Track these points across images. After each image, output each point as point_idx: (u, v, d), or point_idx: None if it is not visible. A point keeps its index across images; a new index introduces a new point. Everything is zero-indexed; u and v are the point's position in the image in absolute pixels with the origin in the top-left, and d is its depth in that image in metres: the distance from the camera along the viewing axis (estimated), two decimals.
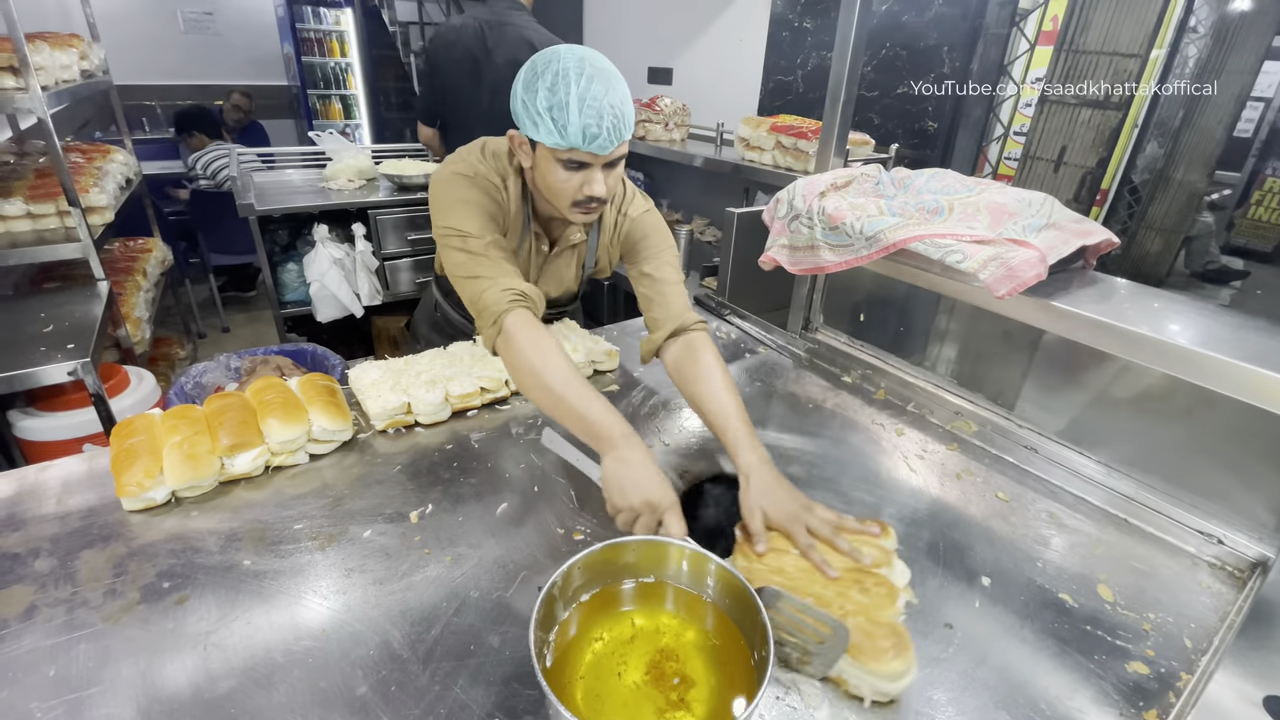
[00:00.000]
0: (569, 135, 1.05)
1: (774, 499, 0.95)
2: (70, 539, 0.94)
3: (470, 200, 1.19)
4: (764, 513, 0.94)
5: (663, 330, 1.22)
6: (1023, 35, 2.52)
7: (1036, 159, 2.47)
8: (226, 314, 4.46)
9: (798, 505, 0.94)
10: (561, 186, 1.13)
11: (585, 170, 1.11)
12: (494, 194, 1.22)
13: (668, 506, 0.91)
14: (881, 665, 0.73)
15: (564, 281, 1.47)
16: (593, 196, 1.13)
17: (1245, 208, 2.68)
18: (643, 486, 0.91)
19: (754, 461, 0.99)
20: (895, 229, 1.15)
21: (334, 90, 6.32)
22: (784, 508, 0.93)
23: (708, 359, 1.14)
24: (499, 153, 1.26)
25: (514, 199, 1.25)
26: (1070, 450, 1.20)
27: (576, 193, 1.13)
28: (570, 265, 1.45)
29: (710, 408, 1.09)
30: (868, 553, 0.88)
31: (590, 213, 1.18)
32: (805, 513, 0.93)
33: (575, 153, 1.08)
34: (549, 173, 1.13)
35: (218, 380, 2.35)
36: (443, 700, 0.73)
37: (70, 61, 2.60)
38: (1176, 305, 1.10)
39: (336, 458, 1.16)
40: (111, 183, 2.71)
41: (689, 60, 3.71)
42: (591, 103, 1.04)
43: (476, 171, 1.21)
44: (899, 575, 0.88)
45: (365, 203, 2.91)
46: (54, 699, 0.71)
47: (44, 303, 2.25)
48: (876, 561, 0.87)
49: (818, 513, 0.93)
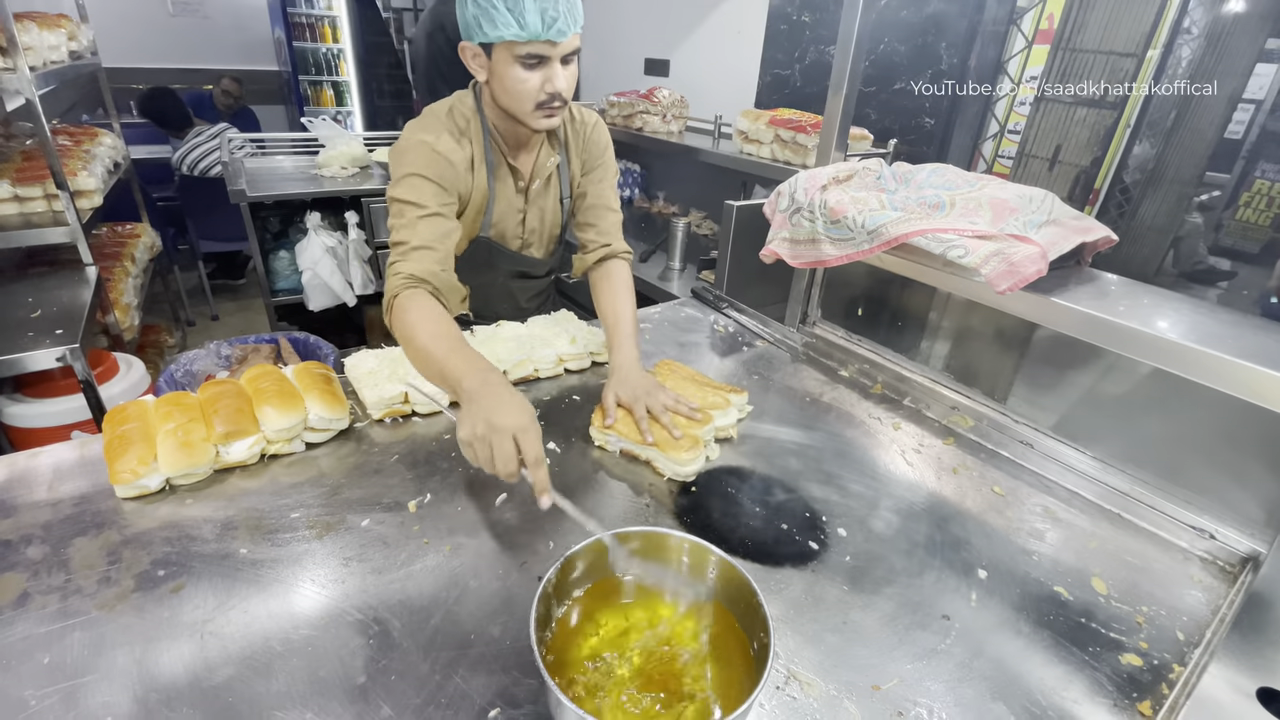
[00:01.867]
0: (527, 23, 1.07)
1: (628, 385, 1.19)
2: (63, 526, 0.93)
3: (419, 166, 1.22)
4: (616, 395, 1.18)
5: (595, 254, 1.43)
6: (1020, 33, 2.53)
7: (1031, 157, 2.48)
8: (216, 302, 4.42)
9: (643, 390, 1.18)
10: (522, 88, 1.15)
11: (544, 66, 1.14)
12: (449, 158, 1.25)
13: (522, 428, 0.86)
14: (678, 453, 1.08)
15: (550, 216, 1.49)
16: (555, 94, 1.16)
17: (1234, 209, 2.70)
18: (492, 413, 0.87)
19: (622, 358, 1.24)
20: (897, 223, 1.15)
21: (326, 76, 6.23)
22: (633, 392, 1.17)
23: (618, 281, 1.38)
24: (454, 107, 1.31)
25: (476, 148, 1.29)
26: (1065, 445, 1.21)
27: (538, 92, 1.16)
28: (552, 197, 1.47)
29: (607, 318, 1.34)
30: (685, 412, 1.18)
31: (553, 114, 1.21)
32: (647, 396, 1.16)
33: (534, 45, 1.10)
34: (506, 75, 1.15)
35: (208, 368, 2.33)
36: (443, 689, 0.73)
37: (58, 42, 2.56)
38: (1173, 302, 1.11)
39: (333, 447, 1.15)
40: (100, 166, 2.67)
41: (686, 52, 3.69)
42: None
43: (438, 135, 1.25)
44: (726, 416, 1.21)
45: (358, 190, 2.89)
46: (49, 686, 0.70)
47: (31, 288, 2.22)
48: (713, 404, 1.21)
49: (659, 396, 1.17)
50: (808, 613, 0.87)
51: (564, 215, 1.52)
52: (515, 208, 1.40)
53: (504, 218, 1.40)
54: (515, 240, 1.46)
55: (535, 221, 1.46)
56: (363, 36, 6.19)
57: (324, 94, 6.30)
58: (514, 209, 1.40)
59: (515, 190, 1.39)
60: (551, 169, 1.41)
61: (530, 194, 1.41)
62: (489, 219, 1.38)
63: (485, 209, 1.37)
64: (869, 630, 0.85)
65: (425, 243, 1.18)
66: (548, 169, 1.40)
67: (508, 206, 1.39)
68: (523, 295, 1.59)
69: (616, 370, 1.24)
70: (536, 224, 1.46)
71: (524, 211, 1.42)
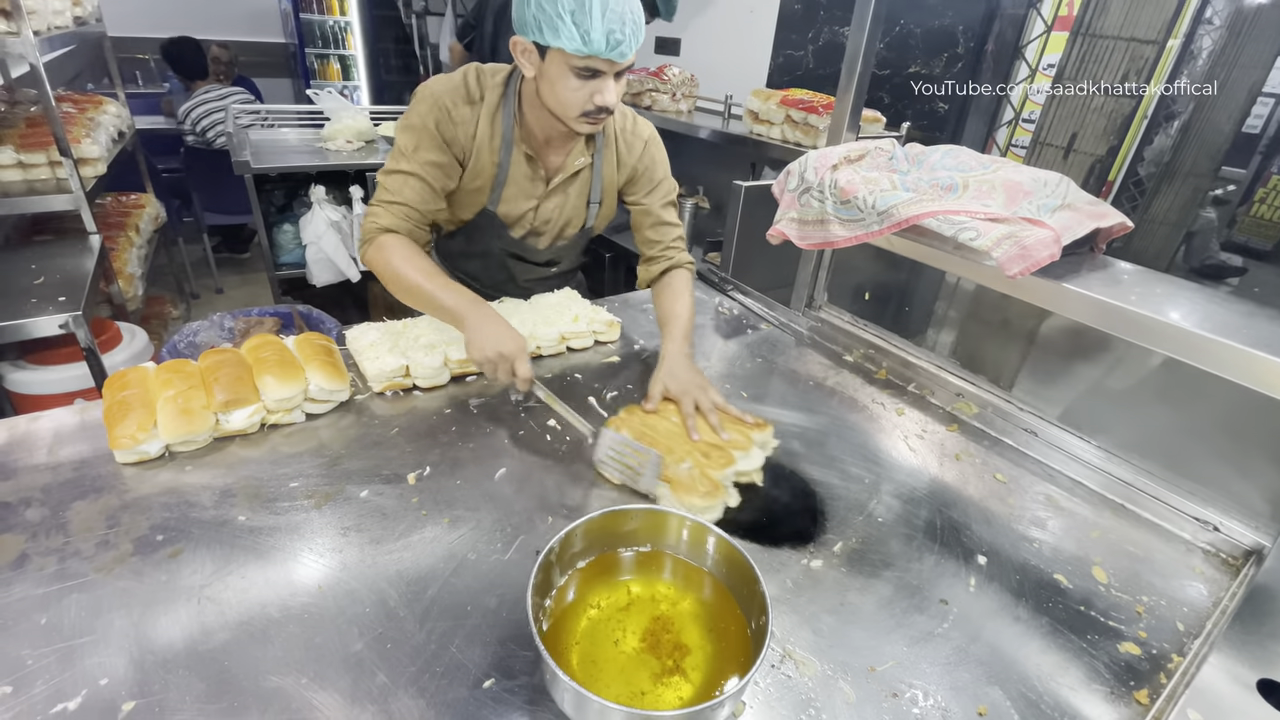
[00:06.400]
0: (592, 41, 1.05)
1: (676, 377, 1.16)
2: (62, 489, 0.93)
3: (421, 119, 1.24)
4: (664, 385, 1.15)
5: (659, 265, 1.45)
6: (1039, 16, 2.48)
7: (1046, 145, 2.44)
8: (220, 275, 4.41)
9: (693, 385, 1.14)
10: (571, 96, 1.14)
11: (598, 79, 1.12)
12: (452, 116, 1.25)
13: (516, 353, 1.07)
14: (693, 499, 0.95)
15: (569, 213, 1.46)
16: (604, 106, 1.15)
17: (1249, 205, 2.66)
18: (493, 340, 1.07)
19: (673, 349, 1.23)
20: (908, 204, 1.14)
21: (332, 50, 6.17)
22: (681, 385, 1.14)
23: (679, 286, 1.39)
24: (483, 71, 1.29)
25: (486, 114, 1.28)
26: (1069, 434, 1.20)
27: (586, 103, 1.14)
28: (576, 195, 1.44)
29: (665, 315, 1.34)
30: (731, 434, 1.08)
31: (597, 123, 1.20)
32: (697, 391, 1.13)
33: (593, 60, 1.08)
34: (558, 80, 1.13)
35: (212, 340, 2.33)
36: (439, 658, 0.73)
37: (63, 7, 2.52)
38: (1187, 292, 1.09)
39: (333, 418, 1.15)
40: (104, 134, 2.65)
41: (697, 31, 3.63)
42: (615, 6, 1.04)
43: (449, 90, 1.25)
44: (751, 460, 1.05)
45: (364, 164, 2.87)
46: (45, 647, 0.71)
47: (35, 255, 2.21)
48: (734, 442, 1.06)
49: (709, 394, 1.13)
50: (805, 593, 0.87)
51: (590, 217, 1.48)
52: (530, 194, 1.38)
53: (515, 200, 1.38)
54: (522, 225, 1.44)
55: (551, 213, 1.43)
56: (370, 9, 6.11)
57: (330, 67, 6.24)
58: (528, 195, 1.38)
59: (533, 177, 1.36)
60: (580, 167, 1.38)
61: (551, 186, 1.39)
62: (497, 195, 1.36)
63: (495, 184, 1.35)
64: (866, 612, 0.85)
65: (410, 202, 1.25)
66: (574, 166, 1.37)
67: (519, 191, 1.37)
68: (521, 275, 1.58)
69: (666, 359, 1.21)
70: (551, 216, 1.44)
71: (539, 201, 1.40)
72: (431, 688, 0.70)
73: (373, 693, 0.69)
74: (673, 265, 1.44)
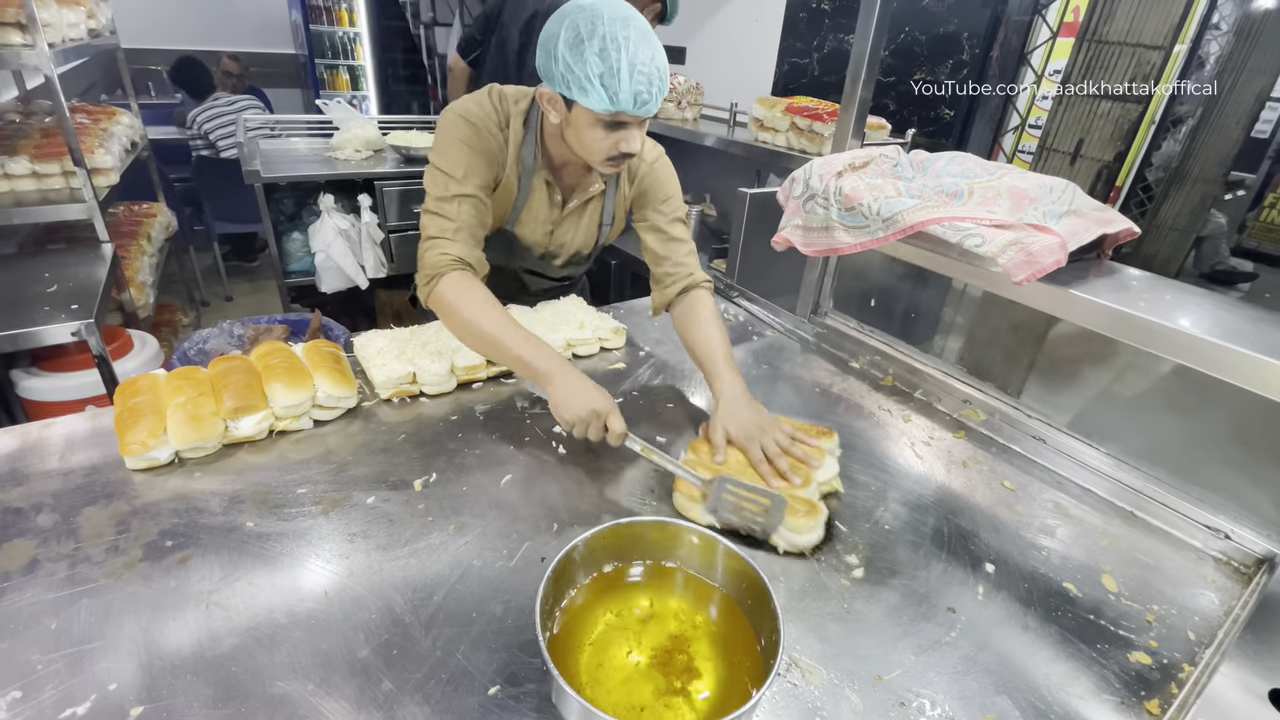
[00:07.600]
0: (620, 100, 1.06)
1: (738, 420, 1.10)
2: (73, 495, 0.94)
3: (464, 141, 1.22)
4: (726, 431, 1.09)
5: (675, 286, 1.35)
6: (1044, 23, 2.48)
7: (1053, 151, 2.43)
8: (230, 283, 4.45)
9: (756, 427, 1.09)
10: (597, 145, 1.15)
11: (623, 130, 1.13)
12: (490, 140, 1.24)
13: (609, 410, 1.04)
14: (796, 521, 0.92)
15: (582, 237, 1.47)
16: (628, 153, 1.16)
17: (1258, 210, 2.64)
18: (585, 399, 1.04)
19: (726, 387, 1.15)
20: (913, 211, 1.13)
21: (342, 60, 6.23)
22: (745, 429, 1.09)
23: (705, 310, 1.30)
24: (505, 95, 1.28)
25: (514, 144, 1.28)
26: (1078, 441, 1.19)
27: (611, 150, 1.15)
28: (589, 218, 1.45)
29: (701, 347, 1.24)
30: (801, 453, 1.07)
31: (618, 166, 1.21)
32: (761, 434, 1.08)
33: (620, 115, 1.09)
34: (584, 131, 1.14)
35: (221, 347, 2.35)
36: (444, 665, 0.73)
37: (78, 20, 2.56)
38: (1196, 298, 1.08)
39: (341, 424, 1.15)
40: (117, 144, 2.69)
41: (703, 39, 3.65)
42: (642, 68, 1.05)
43: (482, 114, 1.24)
44: (828, 469, 1.06)
45: (372, 173, 2.88)
46: (55, 652, 0.71)
47: (48, 263, 2.24)
48: (809, 452, 1.07)
49: (773, 434, 1.08)
50: (811, 601, 0.86)
51: (600, 238, 1.49)
52: (546, 218, 1.39)
53: (531, 222, 1.39)
54: (539, 246, 1.45)
55: (566, 237, 1.44)
56: (379, 21, 6.18)
57: (340, 78, 6.31)
58: (543, 219, 1.39)
59: (550, 202, 1.37)
60: (594, 194, 1.40)
61: (567, 210, 1.40)
62: (515, 215, 1.37)
63: (514, 206, 1.36)
64: (873, 620, 0.84)
65: (468, 226, 1.20)
66: (590, 193, 1.38)
67: (535, 215, 1.38)
68: (533, 286, 1.59)
69: (721, 399, 1.14)
70: (566, 239, 1.45)
71: (554, 225, 1.41)
72: (437, 695, 0.70)
73: (379, 699, 0.69)
74: (689, 285, 1.35)
